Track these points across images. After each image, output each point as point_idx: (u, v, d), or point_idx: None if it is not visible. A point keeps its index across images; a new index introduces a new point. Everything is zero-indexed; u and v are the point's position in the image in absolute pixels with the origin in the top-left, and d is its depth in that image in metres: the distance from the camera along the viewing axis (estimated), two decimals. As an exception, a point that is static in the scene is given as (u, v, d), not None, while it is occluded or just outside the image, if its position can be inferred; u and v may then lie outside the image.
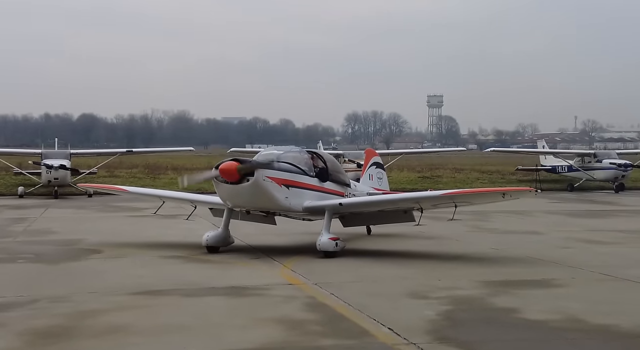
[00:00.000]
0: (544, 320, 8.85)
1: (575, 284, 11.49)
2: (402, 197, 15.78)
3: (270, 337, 7.99)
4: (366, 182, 18.62)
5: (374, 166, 19.02)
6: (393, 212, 15.29)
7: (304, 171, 14.63)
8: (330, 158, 16.04)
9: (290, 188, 14.13)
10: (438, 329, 8.39)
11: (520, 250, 15.19)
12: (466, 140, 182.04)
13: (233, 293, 10.53)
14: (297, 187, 14.32)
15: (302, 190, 14.43)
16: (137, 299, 10.10)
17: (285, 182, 14.04)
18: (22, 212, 24.79)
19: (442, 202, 14.77)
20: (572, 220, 22.82)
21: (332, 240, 13.88)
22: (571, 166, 40.69)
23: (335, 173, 15.67)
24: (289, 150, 15.16)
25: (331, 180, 15.33)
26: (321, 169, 15.14)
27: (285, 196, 14.04)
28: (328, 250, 13.79)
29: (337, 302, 9.88)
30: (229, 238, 14.86)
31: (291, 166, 14.41)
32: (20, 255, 14.38)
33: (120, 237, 17.10)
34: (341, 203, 14.67)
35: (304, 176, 14.59)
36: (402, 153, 47.18)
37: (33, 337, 7.99)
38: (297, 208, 14.37)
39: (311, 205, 14.49)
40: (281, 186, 13.93)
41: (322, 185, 15.00)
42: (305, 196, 14.49)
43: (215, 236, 14.68)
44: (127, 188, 19.44)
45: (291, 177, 14.22)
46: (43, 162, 32.55)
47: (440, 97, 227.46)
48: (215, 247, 14.58)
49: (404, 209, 15.21)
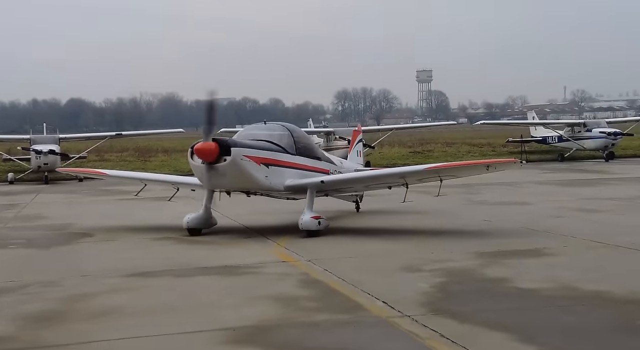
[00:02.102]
0: (536, 289, 8.89)
1: (567, 252, 11.54)
2: (387, 172, 15.60)
3: (265, 314, 7.99)
4: (354, 159, 18.53)
5: (361, 143, 19.09)
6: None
7: (284, 149, 14.30)
8: (305, 135, 15.81)
9: (270, 167, 13.78)
10: (432, 301, 8.42)
11: (512, 221, 15.23)
12: (456, 114, 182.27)
13: (226, 272, 10.52)
14: (277, 165, 13.98)
15: (282, 169, 14.09)
16: (130, 281, 10.07)
17: (264, 160, 13.69)
18: (13, 198, 24.65)
19: (427, 177, 14.62)
20: (563, 190, 22.89)
21: (315, 219, 13.59)
22: (561, 136, 40.76)
23: (310, 149, 15.32)
24: (268, 128, 14.79)
25: (308, 156, 14.95)
26: (303, 146, 14.86)
27: (265, 175, 13.70)
28: (310, 229, 13.52)
29: (331, 277, 9.89)
30: (210, 219, 14.50)
31: (271, 144, 14.11)
32: (12, 241, 14.30)
33: (111, 221, 17.03)
34: (323, 180, 14.36)
35: (285, 154, 14.26)
36: (393, 129, 47.13)
37: (25, 321, 7.96)
38: (279, 187, 14.06)
39: (293, 184, 14.18)
40: (260, 165, 13.57)
41: (304, 163, 14.68)
42: (287, 174, 14.16)
43: (196, 218, 14.29)
44: (106, 171, 19.09)
45: (271, 155, 13.90)
46: (32, 147, 32.32)
47: (429, 71, 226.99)
48: (197, 229, 14.23)
49: (388, 184, 15.16)
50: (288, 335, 7.20)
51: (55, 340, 7.20)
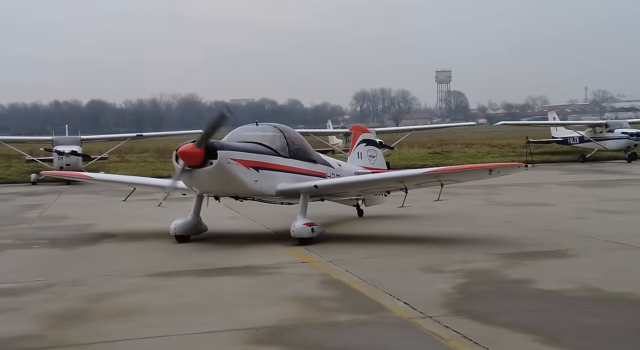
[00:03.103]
0: (559, 290, 8.85)
1: (589, 253, 11.45)
2: (383, 176, 14.65)
3: (286, 314, 8.02)
4: (354, 161, 17.22)
5: (364, 143, 17.54)
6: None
7: (276, 151, 13.54)
8: (299, 136, 14.78)
9: (260, 170, 13.04)
10: (453, 302, 8.40)
11: (532, 222, 15.15)
12: (476, 115, 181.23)
13: (247, 272, 10.57)
14: (268, 169, 13.22)
15: (274, 172, 13.34)
16: (152, 281, 10.17)
17: (253, 164, 12.92)
18: (36, 198, 24.94)
19: (426, 181, 13.84)
20: (585, 191, 22.70)
21: (308, 226, 12.80)
22: (583, 137, 40.44)
23: (304, 152, 14.49)
24: (259, 129, 13.98)
25: (302, 159, 14.19)
26: (297, 149, 14.09)
27: (254, 179, 12.93)
28: (303, 237, 12.71)
29: (351, 278, 9.91)
30: (200, 225, 13.78)
31: (261, 146, 13.36)
32: (36, 241, 14.49)
33: (132, 221, 17.18)
34: (316, 185, 13.46)
35: (277, 157, 13.49)
36: (412, 130, 47.01)
37: (51, 320, 8.07)
38: (270, 192, 13.31)
39: (285, 189, 13.40)
40: (249, 168, 12.81)
41: (298, 166, 13.91)
42: (279, 179, 13.40)
43: (184, 224, 13.55)
44: (92, 175, 18.34)
45: (261, 158, 13.13)
46: (54, 148, 32.74)
47: (448, 72, 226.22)
48: (184, 236, 13.52)
49: (387, 189, 14.51)
50: (309, 336, 7.23)
51: (79, 339, 7.30)
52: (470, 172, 14.18)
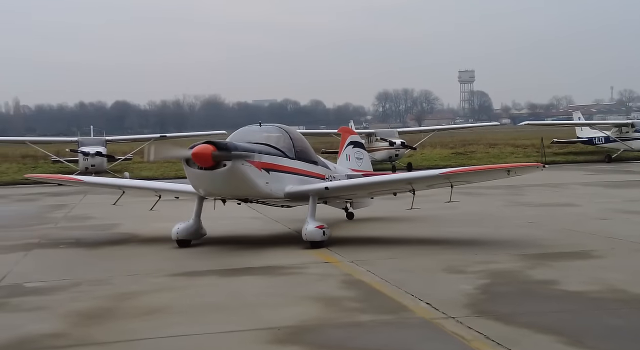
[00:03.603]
0: (584, 291, 8.76)
1: (614, 254, 11.32)
2: (394, 178, 14.32)
3: (307, 314, 8.04)
4: (343, 163, 16.86)
5: (351, 145, 17.24)
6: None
7: (283, 152, 13.27)
8: (302, 137, 14.44)
9: (270, 172, 12.73)
10: (476, 302, 8.36)
11: (557, 223, 15.01)
12: (499, 115, 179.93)
13: (269, 272, 10.62)
14: (277, 170, 12.93)
15: (282, 174, 13.05)
16: (176, 281, 10.26)
17: (265, 165, 12.60)
18: (62, 199, 25.26)
19: (438, 182, 13.54)
20: (610, 191, 22.43)
21: (319, 229, 12.57)
22: (608, 137, 39.97)
23: (307, 153, 14.18)
24: (264, 130, 13.67)
25: (306, 161, 13.94)
26: (301, 150, 13.84)
27: (265, 181, 12.60)
28: (315, 240, 12.51)
29: (373, 278, 9.90)
30: (200, 230, 13.43)
31: (270, 148, 13.07)
32: (62, 241, 14.72)
33: (156, 221, 17.28)
34: (327, 187, 13.26)
35: (285, 158, 13.21)
36: (434, 130, 46.80)
37: (77, 318, 8.18)
38: (279, 194, 12.98)
39: (293, 191, 13.12)
40: (261, 170, 12.50)
41: (302, 168, 13.67)
42: (286, 180, 13.12)
43: (186, 228, 13.19)
44: (82, 178, 17.37)
45: (271, 159, 12.84)
46: (80, 149, 33.19)
47: (471, 72, 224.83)
48: (186, 240, 13.18)
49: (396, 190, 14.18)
50: (331, 336, 7.24)
51: (104, 338, 7.38)
52: (488, 173, 13.77)
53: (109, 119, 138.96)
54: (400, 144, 36.49)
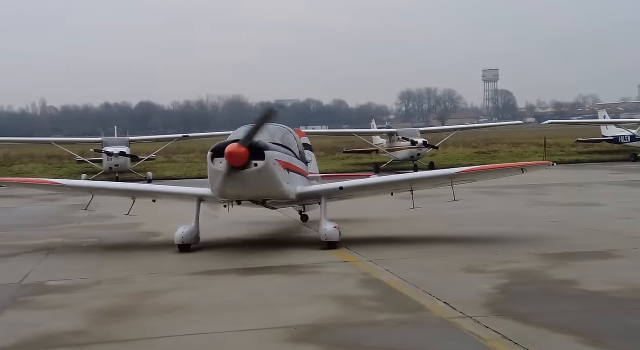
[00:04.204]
0: (605, 291, 8.67)
1: (636, 254, 11.19)
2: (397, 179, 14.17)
3: (325, 313, 8.06)
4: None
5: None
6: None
7: (294, 153, 13.03)
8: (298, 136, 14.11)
9: (290, 172, 12.49)
10: (494, 302, 8.32)
11: (579, 222, 14.87)
12: (524, 114, 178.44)
13: (288, 271, 10.66)
14: (293, 170, 12.69)
15: (296, 175, 12.83)
16: (195, 279, 10.34)
17: (286, 165, 12.32)
18: (85, 198, 25.38)
19: (441, 182, 13.61)
20: (635, 191, 22.16)
21: (336, 229, 12.35)
22: (634, 135, 39.43)
23: (302, 152, 13.90)
24: (268, 129, 12.74)
25: (303, 160, 13.73)
26: (301, 150, 13.69)
27: (287, 181, 12.28)
28: (333, 240, 12.29)
29: (391, 277, 9.89)
30: (198, 233, 12.98)
31: (286, 148, 12.77)
32: (84, 240, 14.95)
33: (177, 221, 17.36)
34: (341, 187, 12.98)
35: (294, 158, 12.96)
36: (456, 129, 46.54)
37: (98, 316, 8.29)
38: (292, 195, 12.59)
39: (304, 191, 12.83)
40: (284, 170, 12.21)
41: (303, 167, 13.50)
42: (297, 181, 12.87)
43: (190, 232, 12.74)
44: (62, 181, 16.10)
45: (289, 159, 12.57)
46: (104, 149, 33.58)
47: (495, 70, 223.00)
48: (188, 245, 12.73)
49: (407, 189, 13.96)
50: (348, 334, 7.25)
51: (124, 335, 7.48)
52: (501, 171, 14.02)
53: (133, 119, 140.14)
54: (422, 143, 36.36)
